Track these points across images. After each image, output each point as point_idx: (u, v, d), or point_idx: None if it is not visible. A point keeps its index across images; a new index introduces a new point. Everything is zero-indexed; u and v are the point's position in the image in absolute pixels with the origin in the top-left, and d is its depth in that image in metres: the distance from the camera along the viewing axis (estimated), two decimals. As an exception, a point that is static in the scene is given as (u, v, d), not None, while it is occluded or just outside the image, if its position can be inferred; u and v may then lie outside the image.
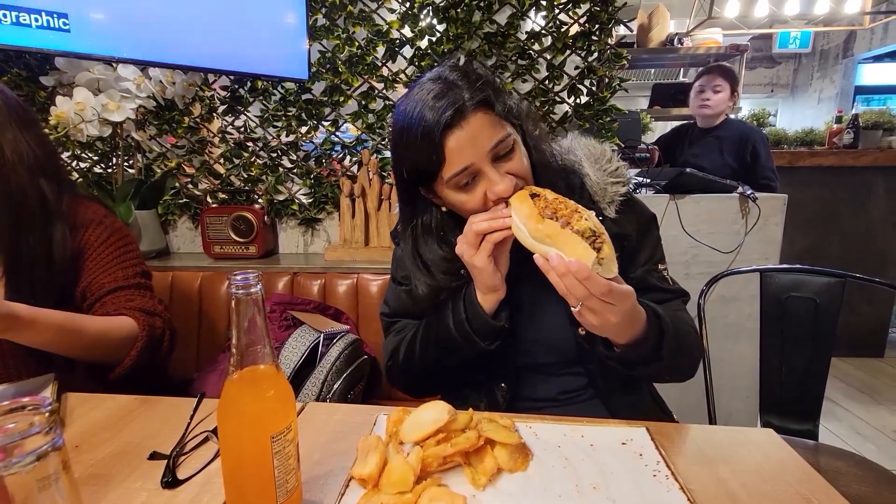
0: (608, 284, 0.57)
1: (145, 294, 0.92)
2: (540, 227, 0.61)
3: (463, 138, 0.65)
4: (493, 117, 0.67)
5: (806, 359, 1.11)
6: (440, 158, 0.66)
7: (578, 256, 0.58)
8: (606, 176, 0.78)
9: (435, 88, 0.66)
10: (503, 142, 0.67)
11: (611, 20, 1.44)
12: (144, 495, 0.53)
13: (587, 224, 0.60)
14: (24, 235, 0.82)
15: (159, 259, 1.60)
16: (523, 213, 0.63)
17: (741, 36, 3.84)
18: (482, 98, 0.66)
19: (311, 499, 0.52)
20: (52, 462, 0.27)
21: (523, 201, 0.64)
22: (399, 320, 0.86)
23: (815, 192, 2.61)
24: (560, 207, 0.62)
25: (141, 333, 0.85)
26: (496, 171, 0.67)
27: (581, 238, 0.58)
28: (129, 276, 0.92)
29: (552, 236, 0.60)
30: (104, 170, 1.69)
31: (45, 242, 0.84)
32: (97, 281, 0.89)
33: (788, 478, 0.56)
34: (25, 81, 1.58)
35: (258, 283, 0.44)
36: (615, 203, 0.78)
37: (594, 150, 0.81)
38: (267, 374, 0.46)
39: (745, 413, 1.67)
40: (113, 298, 0.88)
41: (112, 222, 0.96)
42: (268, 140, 1.64)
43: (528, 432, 0.64)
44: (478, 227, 0.66)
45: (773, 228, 1.61)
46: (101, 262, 0.91)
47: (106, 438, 0.64)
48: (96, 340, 0.79)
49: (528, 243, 0.63)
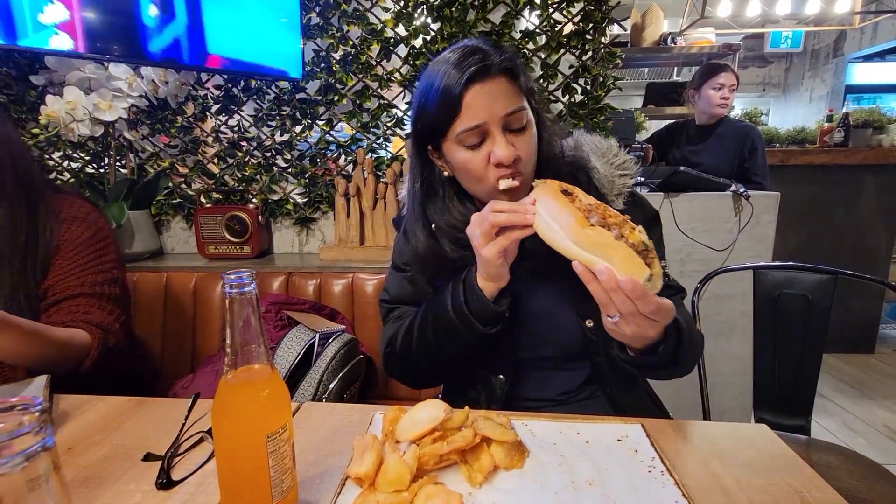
0: (657, 302, 0.56)
1: (105, 306, 0.91)
2: (588, 233, 0.56)
3: (482, 95, 0.67)
4: (514, 87, 0.69)
5: (798, 355, 1.12)
6: (456, 110, 0.67)
7: (630, 272, 0.54)
8: (614, 169, 0.80)
9: (464, 49, 0.68)
10: (518, 113, 0.68)
11: (605, 19, 1.45)
12: (139, 497, 0.53)
13: (640, 237, 0.56)
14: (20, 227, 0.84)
15: (153, 260, 1.59)
16: (561, 213, 0.59)
17: (734, 35, 3.87)
18: (508, 66, 0.68)
19: (306, 499, 0.52)
20: (43, 463, 0.27)
21: (556, 197, 0.60)
22: (398, 307, 0.86)
23: (807, 190, 2.64)
24: (608, 214, 0.58)
25: (93, 349, 0.84)
26: (504, 138, 0.68)
27: (635, 252, 0.55)
28: (98, 282, 0.91)
29: (602, 246, 0.56)
30: (96, 170, 1.67)
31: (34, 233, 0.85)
32: (64, 282, 0.88)
33: (781, 472, 0.56)
34: (15, 80, 1.56)
35: (252, 283, 0.44)
36: (623, 195, 0.79)
37: (601, 145, 0.82)
38: (262, 373, 0.46)
39: (739, 409, 1.69)
40: (72, 305, 0.87)
41: (95, 219, 0.96)
42: (262, 139, 1.64)
43: (524, 430, 0.64)
44: (496, 220, 0.64)
45: (766, 226, 1.63)
46: (74, 263, 0.90)
47: (99, 440, 0.64)
48: (57, 350, 0.79)
49: (564, 247, 0.58)
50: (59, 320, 0.85)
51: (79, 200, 0.96)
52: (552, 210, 0.60)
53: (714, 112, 2.28)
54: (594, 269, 0.56)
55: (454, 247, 0.76)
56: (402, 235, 0.85)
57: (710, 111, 2.28)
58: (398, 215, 0.87)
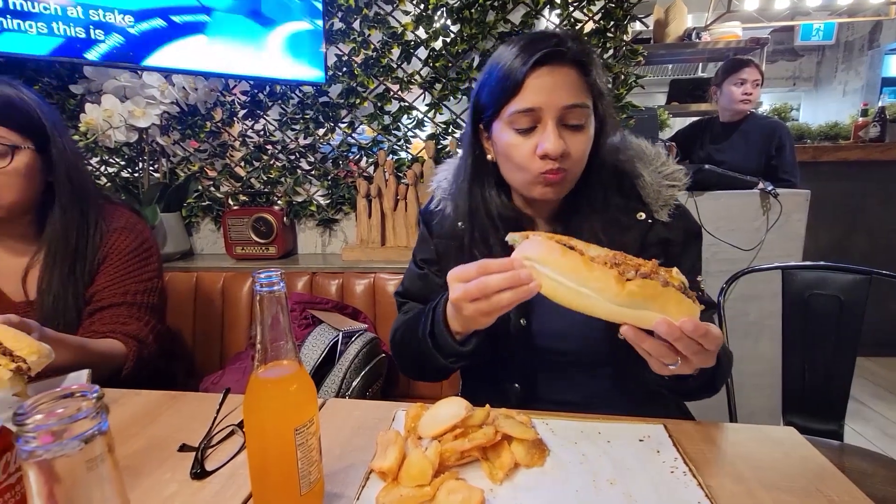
0: (717, 334, 0.52)
1: (143, 317, 0.96)
2: (633, 288, 0.50)
3: (546, 80, 0.65)
4: (583, 83, 0.67)
5: (830, 357, 1.09)
6: (516, 89, 0.65)
7: (685, 313, 0.51)
8: (662, 178, 0.76)
9: (541, 33, 0.67)
10: (578, 109, 0.66)
11: (626, 16, 1.43)
12: (175, 486, 0.56)
13: (680, 277, 0.53)
14: (71, 229, 0.91)
15: (184, 260, 1.64)
16: (588, 274, 0.52)
17: (762, 29, 3.76)
18: (583, 59, 0.66)
19: (332, 490, 0.54)
20: (99, 445, 0.29)
21: (568, 255, 0.53)
22: (408, 302, 0.86)
23: (841, 187, 2.54)
24: (636, 263, 0.53)
25: (129, 360, 0.90)
26: (558, 129, 0.65)
27: (683, 294, 0.51)
28: (139, 291, 0.96)
29: (653, 298, 0.51)
30: (131, 174, 1.75)
31: (84, 239, 0.92)
32: (108, 289, 0.94)
33: (810, 476, 0.55)
34: (56, 90, 1.64)
35: (281, 282, 0.46)
36: (669, 207, 0.75)
37: (648, 151, 0.78)
38: (290, 369, 0.48)
39: (767, 413, 1.64)
40: (112, 314, 0.92)
41: (142, 230, 1.01)
42: (286, 143, 1.68)
43: (544, 429, 0.64)
44: (485, 286, 0.55)
45: (795, 225, 1.58)
46: (119, 272, 0.95)
47: (137, 432, 0.67)
48: (98, 362, 0.84)
49: (605, 311, 0.52)
50: (99, 329, 0.91)
51: (127, 211, 1.02)
52: (571, 271, 0.52)
53: (737, 108, 2.22)
54: (652, 325, 0.51)
55: (481, 236, 0.75)
56: (425, 229, 0.86)
57: (732, 107, 2.23)
58: (425, 208, 0.87)
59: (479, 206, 0.77)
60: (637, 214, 0.75)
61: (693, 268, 0.79)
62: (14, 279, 0.91)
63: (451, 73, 1.54)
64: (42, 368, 0.61)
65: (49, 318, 0.88)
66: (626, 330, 0.53)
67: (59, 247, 0.90)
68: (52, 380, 0.69)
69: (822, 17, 3.58)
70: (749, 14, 3.11)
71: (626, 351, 0.73)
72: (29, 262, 0.91)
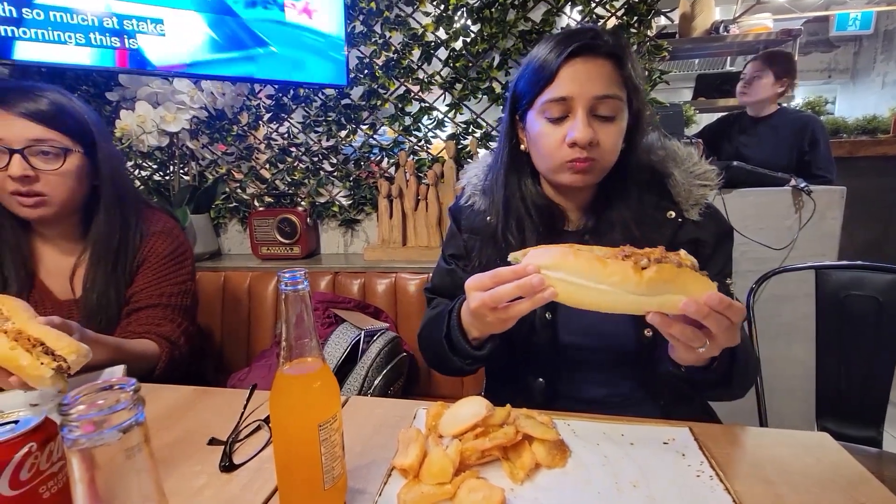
0: (742, 306, 0.52)
1: (176, 318, 0.99)
2: (651, 276, 0.50)
3: (579, 70, 0.67)
4: (616, 75, 0.68)
5: (868, 361, 1.04)
6: (550, 79, 0.68)
7: (704, 290, 0.51)
8: (693, 178, 0.76)
9: (579, 27, 0.70)
10: (610, 100, 0.67)
11: (650, 11, 1.41)
12: (205, 478, 0.57)
13: (691, 257, 0.53)
14: (114, 231, 0.96)
15: (212, 260, 1.70)
16: (603, 270, 0.51)
17: (794, 20, 3.62)
18: (617, 52, 0.67)
19: (355, 486, 0.55)
20: (136, 435, 0.31)
21: (577, 255, 0.52)
22: (437, 297, 0.87)
23: (879, 183, 2.43)
24: (645, 252, 0.53)
25: (162, 361, 0.94)
26: (588, 119, 0.67)
27: (698, 272, 0.52)
28: (174, 293, 1.00)
29: (672, 281, 0.50)
30: (162, 177, 1.81)
31: (125, 241, 0.97)
32: (146, 291, 0.98)
33: (843, 483, 0.53)
34: (92, 98, 1.72)
35: (305, 281, 0.47)
36: (700, 206, 0.75)
37: (680, 152, 0.78)
38: (314, 366, 0.49)
39: (800, 417, 1.58)
40: (148, 315, 0.97)
41: (178, 234, 1.06)
42: (309, 145, 1.71)
43: (566, 429, 0.64)
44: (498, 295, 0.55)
45: (829, 223, 1.52)
46: (156, 274, 0.99)
47: (169, 425, 0.70)
48: (133, 361, 0.87)
49: (627, 303, 0.51)
50: (136, 329, 0.95)
51: (164, 216, 1.07)
52: (587, 269, 0.52)
53: (739, 101, 2.26)
54: (679, 308, 0.50)
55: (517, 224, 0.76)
56: (454, 225, 0.87)
57: (739, 101, 2.28)
58: (454, 204, 0.88)
59: (514, 194, 0.78)
60: (667, 213, 0.75)
61: (723, 269, 0.78)
62: (62, 278, 0.96)
63: (472, 72, 1.55)
64: (80, 367, 0.64)
65: (93, 315, 0.93)
66: (652, 317, 0.52)
67: (102, 247, 0.95)
68: (89, 374, 0.72)
69: (859, 5, 3.43)
70: (780, 5, 3.01)
71: (649, 347, 0.72)
72: (76, 262, 0.96)
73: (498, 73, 1.52)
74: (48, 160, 0.87)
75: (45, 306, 0.93)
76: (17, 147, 0.85)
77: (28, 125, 0.85)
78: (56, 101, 0.88)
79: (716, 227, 0.76)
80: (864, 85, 4.86)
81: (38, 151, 0.86)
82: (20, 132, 0.85)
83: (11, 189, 0.86)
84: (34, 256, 0.96)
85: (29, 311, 0.67)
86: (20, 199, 0.87)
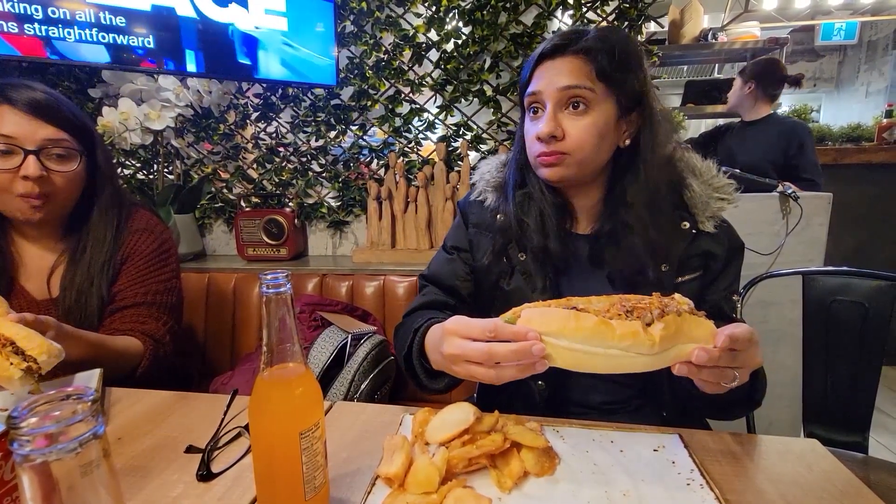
0: (747, 327, 0.52)
1: (161, 316, 0.97)
2: (662, 333, 0.47)
3: (548, 68, 0.70)
4: (585, 67, 0.69)
5: (853, 366, 1.05)
6: (529, 77, 0.73)
7: (707, 332, 0.50)
8: (711, 190, 0.76)
9: (566, 31, 0.72)
10: (577, 90, 0.68)
11: (640, 17, 1.41)
12: (181, 487, 0.55)
13: (686, 300, 0.53)
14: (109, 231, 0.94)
15: (196, 261, 1.66)
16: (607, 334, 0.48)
17: (781, 29, 3.68)
18: (588, 47, 0.69)
19: (338, 496, 0.53)
20: (94, 449, 0.29)
21: (579, 319, 0.49)
22: (429, 286, 0.86)
23: (864, 191, 2.47)
24: (644, 304, 0.51)
25: (145, 359, 0.91)
26: (555, 113, 0.69)
27: (697, 315, 0.51)
28: (159, 291, 0.98)
29: (679, 332, 0.49)
30: (146, 176, 1.77)
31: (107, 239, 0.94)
32: (130, 289, 0.95)
33: (833, 490, 0.53)
34: (75, 94, 1.68)
35: (287, 283, 0.45)
36: (716, 219, 0.75)
37: (699, 165, 0.78)
38: (296, 372, 0.47)
39: (787, 423, 1.60)
40: (132, 313, 0.94)
41: (161, 231, 1.03)
42: (298, 145, 1.69)
43: (555, 437, 0.63)
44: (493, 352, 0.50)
45: (816, 229, 1.53)
46: (140, 272, 0.97)
47: (146, 431, 0.67)
48: (115, 359, 0.86)
49: (643, 364, 0.49)
50: (119, 327, 0.92)
51: (147, 213, 1.04)
52: (594, 336, 0.48)
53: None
54: (693, 360, 0.49)
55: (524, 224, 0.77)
56: (462, 219, 0.87)
57: None
58: (464, 199, 0.89)
59: (525, 192, 0.80)
60: (682, 224, 0.74)
61: (731, 286, 0.78)
62: (39, 278, 0.93)
63: (463, 75, 1.54)
64: (52, 367, 0.62)
65: (71, 314, 0.90)
66: (680, 368, 0.50)
67: (94, 247, 0.93)
68: (63, 378, 0.69)
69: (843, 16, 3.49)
70: (768, 14, 3.06)
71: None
72: (55, 261, 0.93)
73: (489, 76, 1.52)
74: (62, 162, 0.86)
75: (22, 306, 0.90)
76: (31, 147, 0.82)
77: (40, 124, 0.83)
78: (59, 100, 0.86)
79: (729, 242, 0.76)
80: (848, 94, 4.97)
81: (53, 154, 0.84)
82: (33, 131, 0.82)
83: (22, 191, 0.83)
84: (13, 256, 0.93)
85: (2, 306, 0.64)
86: (31, 200, 0.84)
